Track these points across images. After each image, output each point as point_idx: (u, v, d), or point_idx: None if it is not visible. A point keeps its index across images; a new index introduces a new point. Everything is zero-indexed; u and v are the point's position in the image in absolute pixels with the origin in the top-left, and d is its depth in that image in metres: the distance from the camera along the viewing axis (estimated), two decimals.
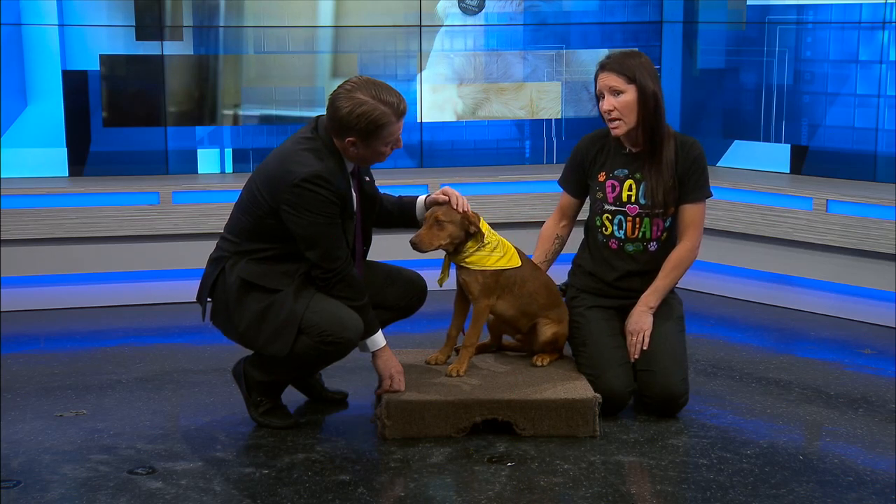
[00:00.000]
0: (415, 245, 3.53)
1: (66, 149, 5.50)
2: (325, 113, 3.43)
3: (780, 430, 3.62)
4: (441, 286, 3.67)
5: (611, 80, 3.61)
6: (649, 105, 3.60)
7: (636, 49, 3.79)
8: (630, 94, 3.60)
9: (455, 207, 3.53)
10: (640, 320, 3.72)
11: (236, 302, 3.44)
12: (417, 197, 3.69)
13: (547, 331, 3.74)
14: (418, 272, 3.80)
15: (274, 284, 3.42)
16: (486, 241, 3.59)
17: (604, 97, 3.64)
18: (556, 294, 3.78)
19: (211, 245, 3.61)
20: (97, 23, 5.46)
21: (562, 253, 3.96)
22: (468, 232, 3.56)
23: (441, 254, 3.66)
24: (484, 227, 3.61)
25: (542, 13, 5.89)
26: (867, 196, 4.93)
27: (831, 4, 5.44)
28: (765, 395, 3.95)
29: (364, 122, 3.32)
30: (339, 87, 3.39)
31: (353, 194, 3.50)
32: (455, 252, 3.60)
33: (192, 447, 3.45)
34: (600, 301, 3.81)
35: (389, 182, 5.26)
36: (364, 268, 3.63)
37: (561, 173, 3.91)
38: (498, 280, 3.61)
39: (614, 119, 3.63)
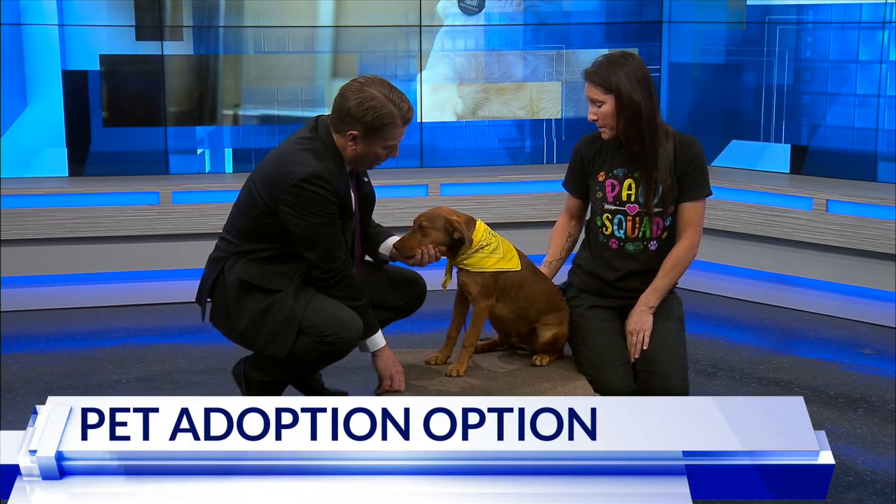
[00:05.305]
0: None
1: (66, 149, 5.50)
2: (326, 112, 3.42)
3: None
4: (445, 290, 3.67)
5: (590, 90, 3.62)
6: (627, 113, 3.59)
7: (627, 51, 3.74)
8: (609, 105, 3.59)
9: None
10: (640, 320, 3.71)
11: (236, 303, 3.44)
12: (392, 235, 3.67)
13: (546, 332, 3.73)
14: (417, 272, 3.80)
15: (273, 285, 3.42)
16: (485, 243, 3.58)
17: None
18: (557, 299, 3.75)
19: (211, 245, 3.60)
20: (97, 23, 5.46)
21: None
22: (454, 238, 3.55)
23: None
24: (483, 228, 3.61)
25: (542, 13, 5.89)
26: (867, 196, 4.93)
27: (831, 4, 5.44)
28: (765, 396, 3.95)
29: (371, 117, 3.32)
30: (351, 80, 3.39)
31: (352, 194, 3.50)
32: (452, 256, 3.60)
33: None
34: (600, 301, 3.81)
35: (390, 182, 5.27)
36: (363, 268, 3.63)
37: (564, 175, 3.91)
38: (497, 281, 3.61)
39: (600, 127, 3.66)
